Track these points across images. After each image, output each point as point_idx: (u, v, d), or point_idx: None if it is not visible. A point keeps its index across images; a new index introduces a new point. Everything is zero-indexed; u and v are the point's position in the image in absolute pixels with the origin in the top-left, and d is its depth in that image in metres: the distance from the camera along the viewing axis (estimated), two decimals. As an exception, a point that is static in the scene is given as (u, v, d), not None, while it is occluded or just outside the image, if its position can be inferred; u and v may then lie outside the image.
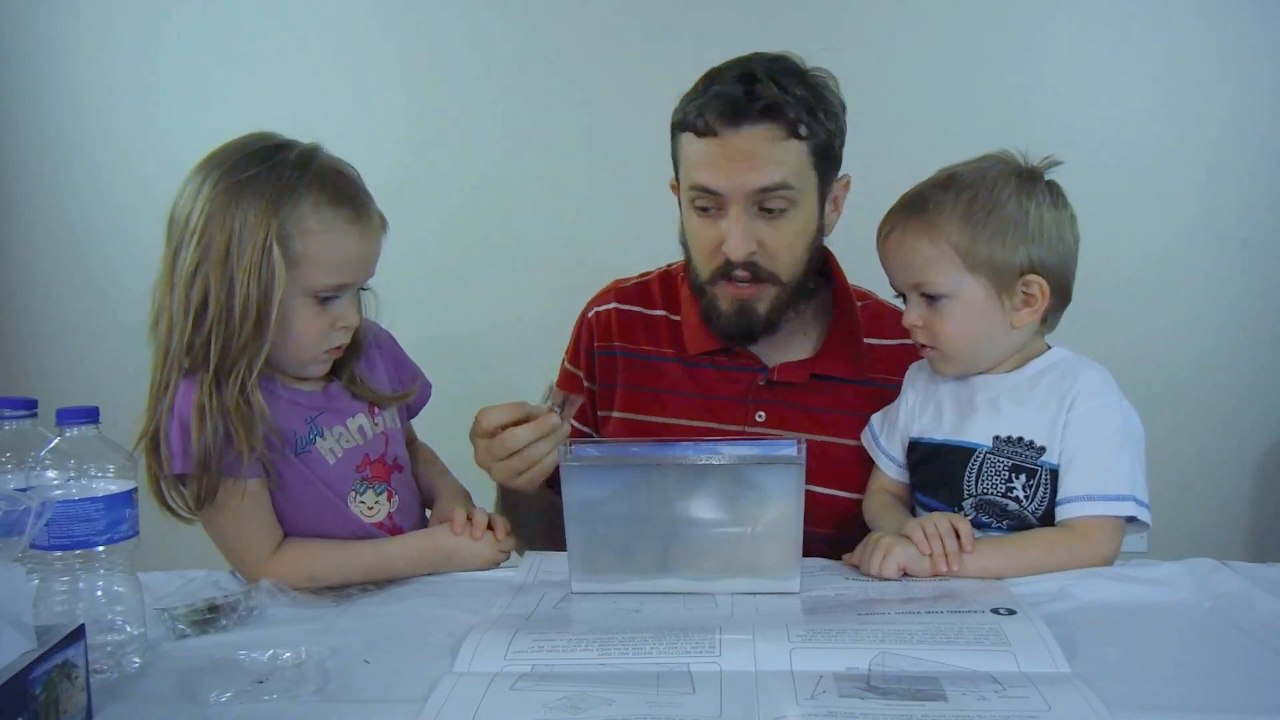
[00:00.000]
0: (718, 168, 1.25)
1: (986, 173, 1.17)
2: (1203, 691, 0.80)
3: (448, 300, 2.25)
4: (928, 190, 1.18)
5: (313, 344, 1.15)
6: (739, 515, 1.02)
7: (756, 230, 1.27)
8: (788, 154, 1.25)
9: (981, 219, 1.13)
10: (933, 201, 1.16)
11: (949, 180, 1.17)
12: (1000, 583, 1.05)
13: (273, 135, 1.16)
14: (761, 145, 1.24)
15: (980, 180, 1.16)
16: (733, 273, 1.30)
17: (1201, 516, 2.20)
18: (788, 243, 1.29)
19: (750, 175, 1.24)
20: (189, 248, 1.09)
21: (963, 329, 1.16)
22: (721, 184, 1.26)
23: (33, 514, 0.76)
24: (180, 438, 1.09)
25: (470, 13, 2.25)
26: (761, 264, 1.29)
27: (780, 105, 1.23)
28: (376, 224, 1.17)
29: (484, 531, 1.20)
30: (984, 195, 1.14)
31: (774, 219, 1.27)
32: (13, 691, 0.67)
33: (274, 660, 0.87)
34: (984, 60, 2.17)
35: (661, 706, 0.77)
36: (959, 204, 1.14)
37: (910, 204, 1.19)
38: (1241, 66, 2.13)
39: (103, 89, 2.29)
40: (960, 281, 1.15)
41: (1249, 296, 2.19)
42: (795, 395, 1.39)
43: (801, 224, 1.30)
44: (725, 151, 1.25)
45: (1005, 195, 1.14)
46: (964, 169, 1.18)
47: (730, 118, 1.24)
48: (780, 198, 1.26)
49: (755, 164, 1.24)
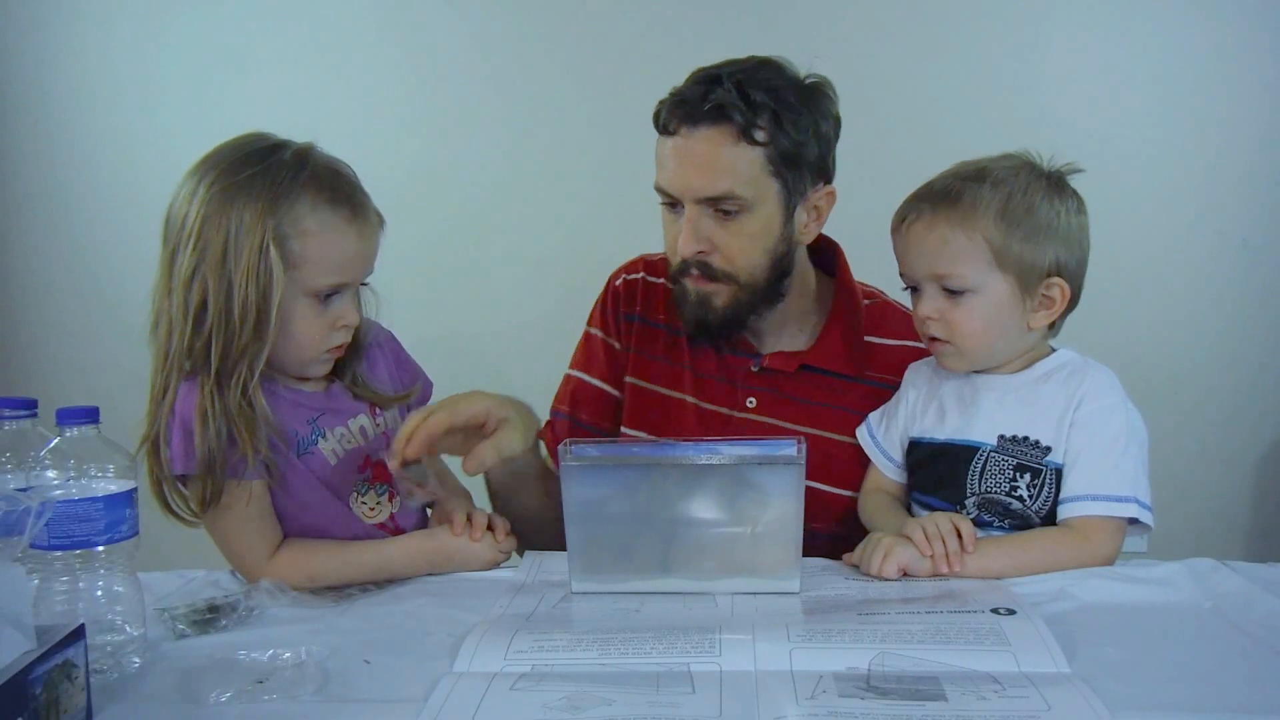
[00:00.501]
0: (670, 169, 1.28)
1: (1019, 172, 1.16)
2: (1203, 691, 0.80)
3: (448, 301, 2.25)
4: (960, 182, 1.16)
5: (314, 344, 1.15)
6: (739, 515, 1.02)
7: (708, 230, 1.29)
8: (738, 159, 1.25)
9: (1017, 217, 1.13)
10: (968, 194, 1.14)
11: (981, 174, 1.16)
12: (1000, 583, 1.05)
13: (267, 135, 1.15)
14: (712, 148, 1.25)
15: (1014, 178, 1.15)
16: (688, 269, 1.32)
17: (1201, 516, 2.20)
18: (740, 246, 1.30)
19: (697, 181, 1.26)
20: (186, 250, 1.09)
21: (981, 325, 1.16)
22: (673, 186, 1.29)
23: (33, 514, 0.76)
24: (182, 440, 1.09)
25: (472, 13, 2.25)
26: (714, 264, 1.31)
27: (726, 108, 1.24)
28: (374, 222, 1.17)
29: (484, 532, 1.20)
30: (1019, 194, 1.14)
31: (727, 221, 1.28)
32: (13, 691, 0.67)
33: (274, 660, 0.87)
34: (984, 60, 2.17)
35: (661, 706, 0.77)
36: (995, 199, 1.13)
37: (942, 194, 1.16)
38: (1241, 66, 2.13)
39: (103, 89, 2.29)
40: (987, 277, 1.14)
41: (1249, 296, 2.20)
42: (786, 385, 1.39)
43: (757, 229, 1.29)
44: (678, 153, 1.27)
45: (1039, 197, 1.14)
46: (994, 165, 1.17)
47: (684, 118, 1.26)
48: (730, 203, 1.27)
49: (704, 170, 1.26)
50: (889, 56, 2.17)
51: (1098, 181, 2.18)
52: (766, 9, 2.16)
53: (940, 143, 2.07)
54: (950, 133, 2.09)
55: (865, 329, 1.41)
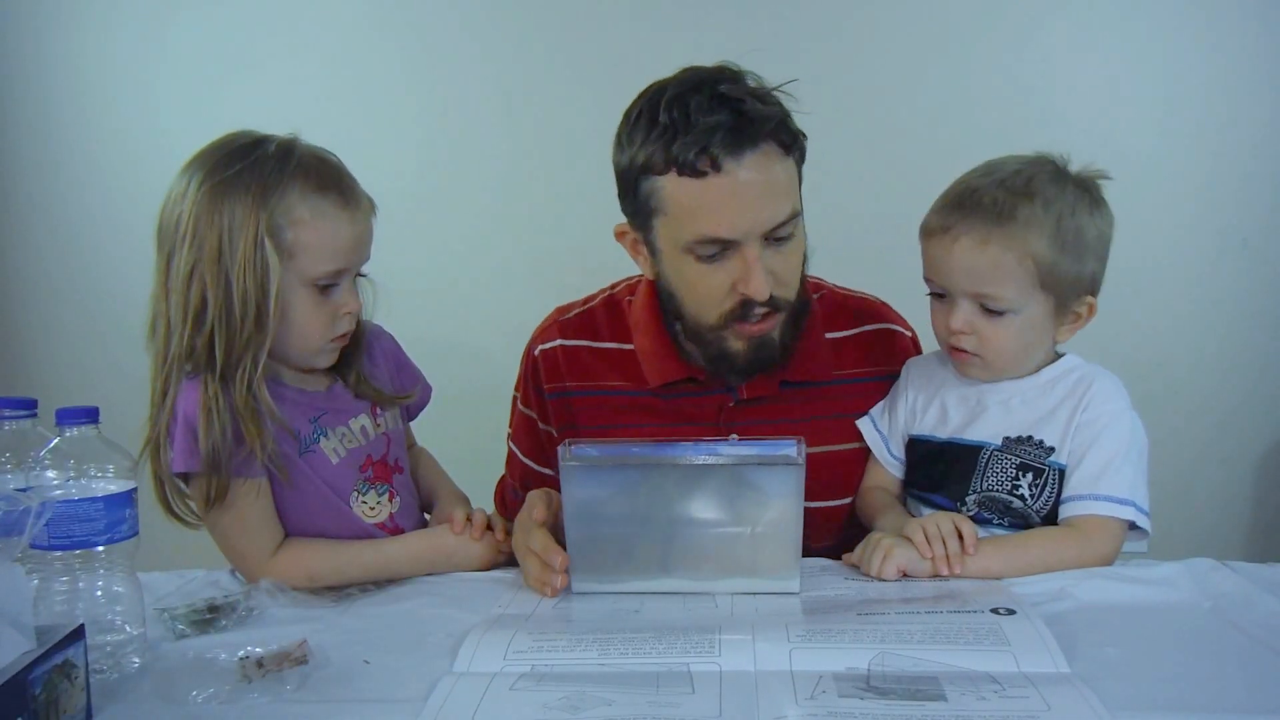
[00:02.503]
0: (727, 211, 1.13)
1: (1064, 188, 1.12)
2: (1203, 691, 0.80)
3: (448, 301, 2.25)
4: (1009, 197, 1.11)
5: (318, 333, 1.15)
6: (739, 516, 1.02)
7: (769, 263, 1.17)
8: (789, 175, 1.17)
9: (1068, 240, 1.11)
10: (1022, 213, 1.10)
11: (1028, 188, 1.11)
12: (1000, 583, 1.05)
13: (250, 132, 1.16)
14: (764, 173, 1.14)
15: (1062, 196, 1.12)
16: (752, 313, 1.20)
17: (1201, 516, 2.20)
18: (794, 267, 1.21)
19: (764, 214, 1.14)
20: (181, 251, 1.10)
21: (1015, 343, 1.15)
22: (736, 230, 1.14)
23: (32, 514, 0.76)
24: (186, 437, 1.09)
25: (473, 13, 2.25)
26: (777, 295, 1.19)
27: (772, 120, 1.14)
28: (365, 206, 1.17)
29: (483, 532, 1.20)
30: (1069, 215, 1.11)
31: (782, 246, 1.18)
32: (12, 691, 0.67)
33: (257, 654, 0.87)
34: (984, 59, 2.17)
35: (661, 706, 0.77)
36: (1048, 221, 1.10)
37: (993, 210, 1.11)
38: (1241, 66, 2.13)
39: (103, 89, 2.29)
40: (1030, 297, 1.12)
41: (1250, 296, 2.19)
42: (768, 410, 1.30)
43: (803, 245, 1.23)
44: (733, 189, 1.12)
45: (1086, 216, 1.12)
46: (1036, 176, 1.12)
47: (731, 147, 1.12)
48: (791, 225, 1.18)
49: (766, 199, 1.14)
50: (889, 56, 2.17)
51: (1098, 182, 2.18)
52: (774, 8, 2.16)
53: (940, 143, 2.08)
54: (950, 133, 2.09)
55: (823, 326, 1.34)
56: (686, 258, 1.18)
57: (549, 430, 1.38)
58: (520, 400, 1.42)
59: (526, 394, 1.40)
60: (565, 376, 1.36)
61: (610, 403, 1.34)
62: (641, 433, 1.31)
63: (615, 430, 1.32)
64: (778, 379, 1.30)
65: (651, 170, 1.15)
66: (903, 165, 2.05)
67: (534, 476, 1.40)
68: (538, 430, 1.39)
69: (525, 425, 1.41)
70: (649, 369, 1.32)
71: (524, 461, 1.43)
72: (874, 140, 2.14)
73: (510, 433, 1.46)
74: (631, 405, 1.33)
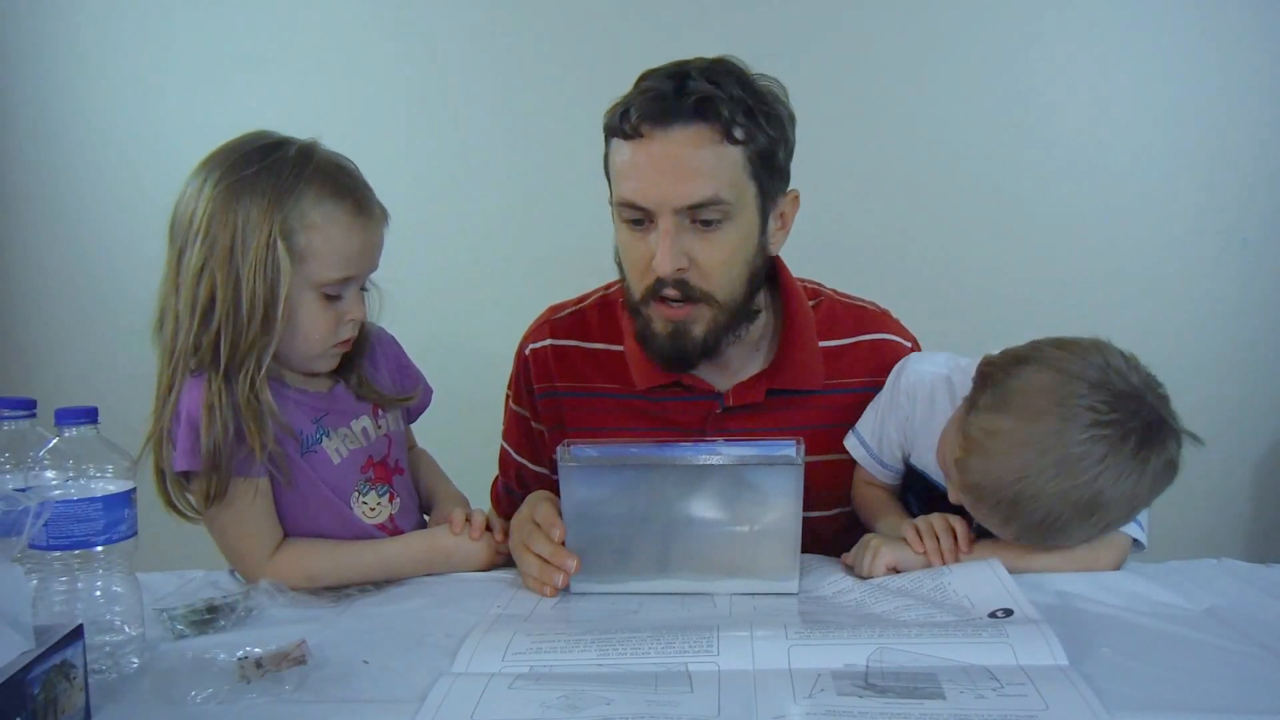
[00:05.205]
0: (643, 179, 1.15)
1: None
2: (1202, 691, 0.80)
3: (449, 304, 2.24)
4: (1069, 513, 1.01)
5: (321, 338, 1.15)
6: (738, 516, 1.02)
7: (687, 244, 1.16)
8: (721, 161, 1.14)
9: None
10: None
11: (1093, 506, 1.02)
12: (999, 582, 1.04)
13: (270, 133, 1.16)
14: (691, 150, 1.13)
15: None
16: (663, 292, 1.19)
17: (1201, 516, 2.19)
18: (722, 258, 1.18)
19: (678, 188, 1.14)
20: (194, 247, 1.10)
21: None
22: (648, 199, 1.15)
23: (31, 514, 0.76)
24: (188, 436, 1.09)
25: (473, 13, 2.25)
26: (693, 282, 1.18)
27: (713, 101, 1.12)
28: (378, 215, 1.18)
29: (482, 532, 1.20)
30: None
31: (708, 232, 1.17)
32: (11, 692, 0.67)
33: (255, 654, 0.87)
34: (983, 60, 2.17)
35: (660, 706, 0.77)
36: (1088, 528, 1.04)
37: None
38: (1241, 66, 2.13)
39: (103, 89, 2.29)
40: None
41: (1249, 296, 2.19)
42: (755, 417, 1.29)
43: (739, 238, 1.19)
44: (651, 159, 1.14)
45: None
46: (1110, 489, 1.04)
47: (658, 117, 1.13)
48: (714, 210, 1.15)
49: (684, 174, 1.13)
50: (889, 56, 2.17)
51: (1098, 182, 2.19)
52: (769, 8, 2.15)
53: (939, 144, 2.08)
54: (949, 134, 2.08)
55: (819, 334, 1.32)
56: (621, 225, 1.21)
57: (540, 429, 1.39)
58: (512, 399, 1.44)
59: (518, 392, 1.41)
60: (555, 376, 1.36)
61: (598, 404, 1.34)
62: (628, 435, 1.30)
63: (602, 432, 1.31)
64: (763, 387, 1.29)
65: (608, 132, 1.21)
66: (900, 166, 2.06)
67: (528, 475, 1.42)
68: (530, 429, 1.40)
69: (517, 424, 1.43)
70: (637, 372, 1.31)
71: (517, 460, 1.43)
72: (874, 140, 2.14)
73: (503, 431, 1.47)
74: (619, 407, 1.33)
